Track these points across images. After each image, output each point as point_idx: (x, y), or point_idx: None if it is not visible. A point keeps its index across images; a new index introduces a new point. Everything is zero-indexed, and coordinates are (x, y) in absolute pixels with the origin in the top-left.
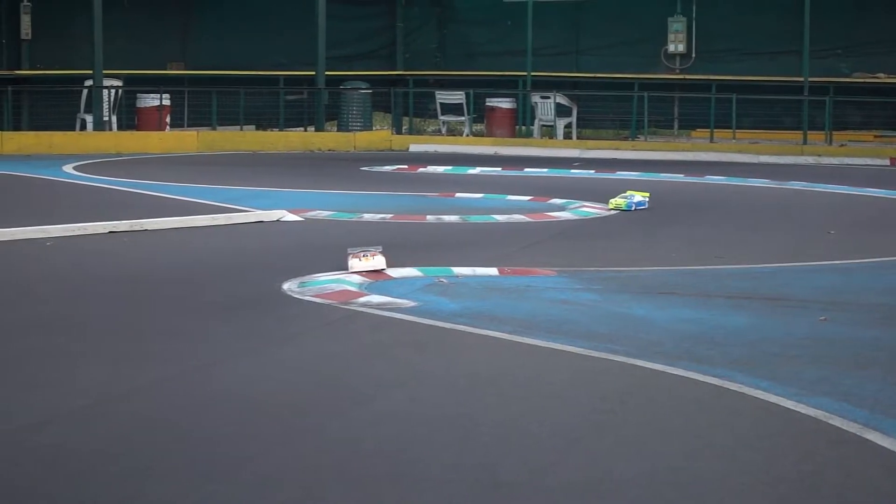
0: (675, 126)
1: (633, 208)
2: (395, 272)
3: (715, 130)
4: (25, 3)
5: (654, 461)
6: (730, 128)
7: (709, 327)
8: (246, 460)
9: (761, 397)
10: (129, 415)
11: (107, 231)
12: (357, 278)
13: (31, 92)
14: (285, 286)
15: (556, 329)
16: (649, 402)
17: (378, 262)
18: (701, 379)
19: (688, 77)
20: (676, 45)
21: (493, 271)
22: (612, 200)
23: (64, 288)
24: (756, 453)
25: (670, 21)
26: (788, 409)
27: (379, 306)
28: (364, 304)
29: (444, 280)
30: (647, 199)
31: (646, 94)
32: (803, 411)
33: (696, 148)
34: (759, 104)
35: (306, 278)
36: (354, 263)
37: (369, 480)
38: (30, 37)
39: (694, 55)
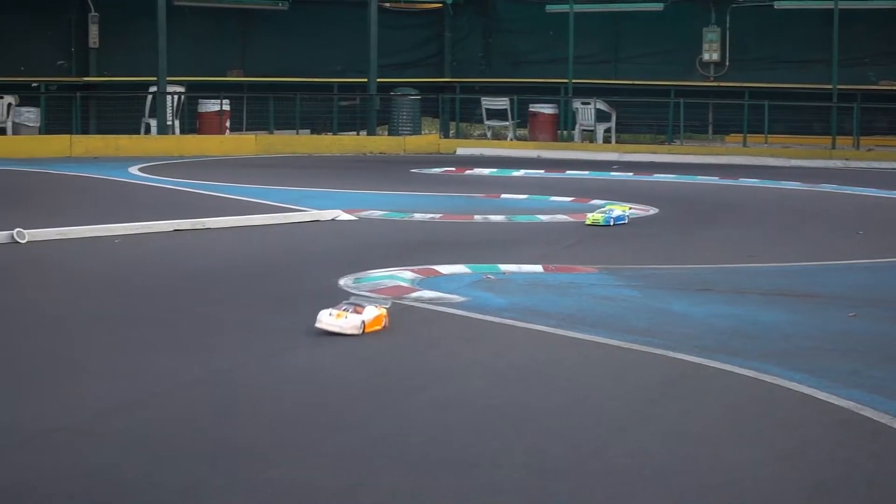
0: (710, 131)
1: (611, 223)
2: (445, 269)
3: (748, 135)
4: (93, 13)
5: (694, 448)
6: (762, 132)
7: (744, 322)
8: (306, 446)
9: (795, 389)
10: (197, 403)
11: (171, 229)
12: (409, 274)
13: (98, 98)
14: (341, 282)
15: (598, 323)
16: (689, 392)
17: (352, 321)
18: (737, 371)
19: (722, 84)
20: (711, 54)
21: (538, 268)
22: (589, 216)
23: (132, 283)
24: (791, 442)
25: (705, 31)
26: (822, 400)
27: (430, 301)
28: (416, 299)
29: (492, 277)
30: (628, 214)
31: (682, 100)
32: (836, 402)
33: (729, 152)
34: (789, 110)
35: (361, 274)
36: (322, 317)
37: (423, 466)
38: (97, 45)
39: (728, 63)
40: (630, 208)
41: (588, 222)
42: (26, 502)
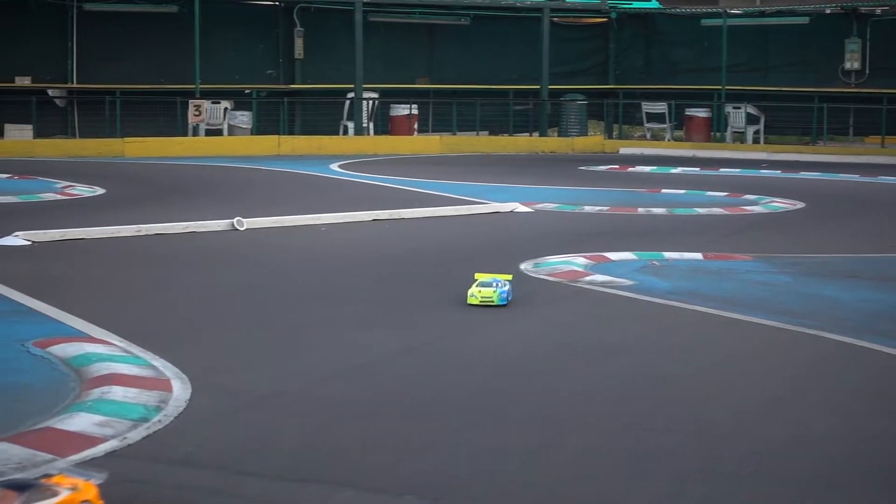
0: (851, 133)
1: (507, 297)
2: (614, 255)
3: (886, 137)
4: (298, 28)
5: (846, 419)
6: None
7: (889, 306)
8: (499, 410)
9: None
10: (400, 372)
11: (370, 219)
12: (582, 260)
13: (302, 103)
14: (522, 266)
15: (755, 306)
16: (840, 368)
17: None
18: (884, 350)
19: (862, 90)
20: (852, 63)
21: (699, 256)
22: (474, 294)
23: (339, 266)
24: None
25: (847, 42)
26: None
27: (602, 284)
28: (589, 283)
29: (657, 263)
30: (510, 285)
31: (825, 105)
32: None
33: (869, 152)
34: None
35: (539, 260)
36: None
37: (603, 428)
38: (302, 57)
39: (868, 71)
40: (511, 276)
41: (476, 301)
42: (256, 457)
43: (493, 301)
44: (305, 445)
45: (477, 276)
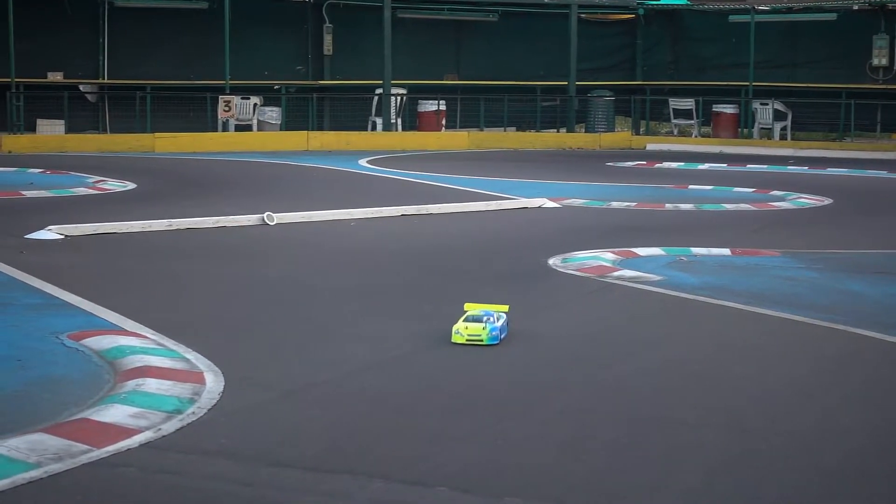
0: (878, 129)
1: (499, 334)
2: (642, 251)
3: None
4: (328, 24)
5: (874, 413)
6: None
7: None
8: (531, 404)
9: None
10: (432, 364)
11: (399, 214)
12: (610, 255)
13: (331, 98)
14: (550, 261)
15: (783, 301)
16: (868, 363)
17: None
18: None
19: (890, 87)
20: (880, 59)
21: (726, 251)
22: (459, 331)
23: (368, 260)
24: None
25: (875, 38)
26: None
27: (631, 279)
28: (618, 278)
29: (685, 258)
30: (505, 318)
31: (852, 101)
32: None
33: None
34: None
35: (568, 255)
36: None
37: (635, 423)
38: (331, 53)
39: None
40: (508, 307)
41: (462, 340)
42: (288, 448)
43: (481, 340)
44: (337, 437)
45: (467, 307)
